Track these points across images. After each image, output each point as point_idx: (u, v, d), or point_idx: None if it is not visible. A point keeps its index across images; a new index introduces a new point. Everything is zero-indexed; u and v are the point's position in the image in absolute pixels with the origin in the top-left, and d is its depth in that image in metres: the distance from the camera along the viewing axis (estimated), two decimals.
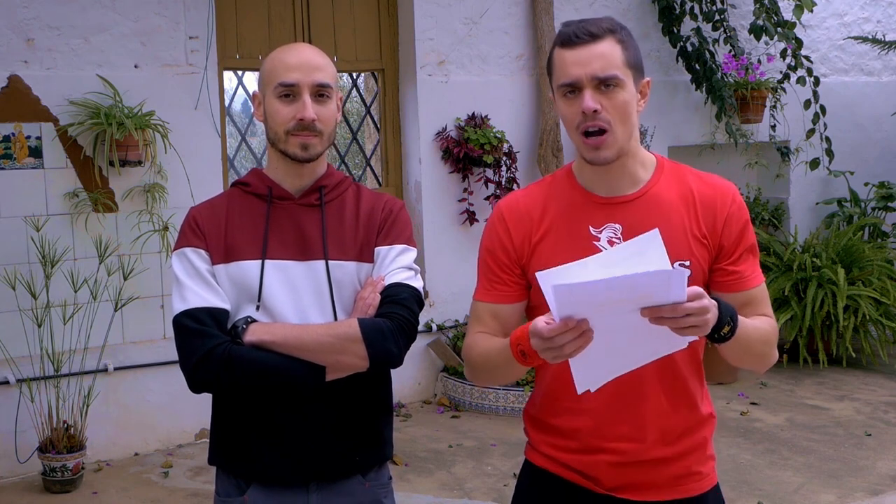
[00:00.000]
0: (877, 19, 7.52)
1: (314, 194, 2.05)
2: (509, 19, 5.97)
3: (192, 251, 2.00)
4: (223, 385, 1.93)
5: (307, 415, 1.97)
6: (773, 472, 4.53)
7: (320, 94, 2.00)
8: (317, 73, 2.00)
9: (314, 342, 1.91)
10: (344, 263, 2.01)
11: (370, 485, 2.06)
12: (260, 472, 2.00)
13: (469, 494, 4.32)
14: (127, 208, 4.83)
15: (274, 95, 2.00)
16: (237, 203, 2.06)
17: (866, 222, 6.82)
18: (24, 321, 4.49)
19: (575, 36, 1.83)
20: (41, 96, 4.66)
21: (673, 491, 1.94)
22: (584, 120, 1.82)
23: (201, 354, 1.90)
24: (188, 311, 1.94)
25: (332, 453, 2.00)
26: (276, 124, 2.00)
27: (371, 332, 1.92)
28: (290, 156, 2.01)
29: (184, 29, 5.00)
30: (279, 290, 1.98)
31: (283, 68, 2.00)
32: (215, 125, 5.10)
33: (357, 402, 2.02)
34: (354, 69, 5.82)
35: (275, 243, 2.01)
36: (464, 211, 5.77)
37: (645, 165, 1.94)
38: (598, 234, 1.89)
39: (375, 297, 1.99)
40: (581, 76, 1.81)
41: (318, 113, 1.98)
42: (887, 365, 6.28)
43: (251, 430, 1.99)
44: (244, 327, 1.94)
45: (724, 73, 6.42)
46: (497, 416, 5.38)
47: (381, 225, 2.06)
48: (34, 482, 4.51)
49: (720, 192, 1.94)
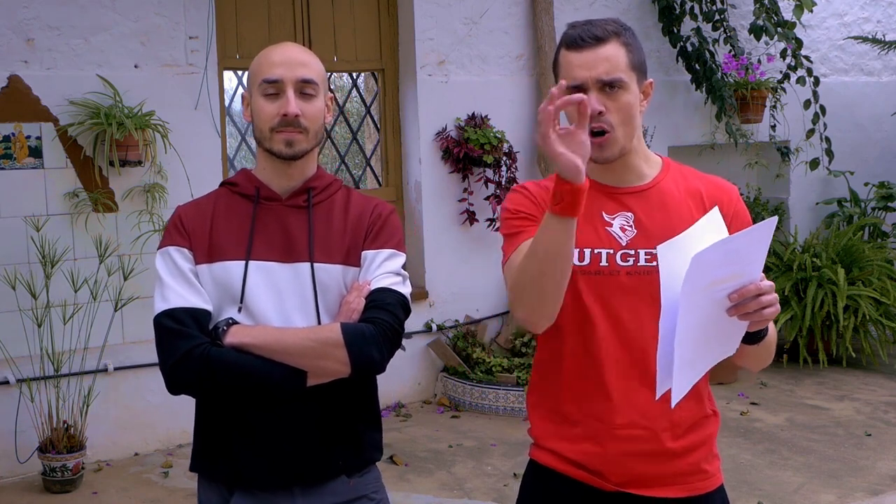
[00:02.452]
0: (877, 19, 7.52)
1: (302, 195, 2.02)
2: (509, 19, 5.97)
3: (176, 250, 1.97)
4: (202, 387, 1.90)
5: (288, 418, 1.94)
6: (773, 472, 4.53)
7: (304, 91, 1.98)
8: (300, 69, 1.98)
9: (295, 346, 1.88)
10: (329, 267, 1.98)
11: (354, 483, 2.03)
12: (242, 476, 1.96)
13: (469, 494, 4.32)
14: (127, 208, 4.83)
15: (259, 93, 1.98)
16: (224, 203, 2.04)
17: (866, 222, 6.82)
18: (24, 321, 4.49)
19: (581, 39, 1.87)
20: (41, 96, 4.66)
21: (681, 488, 1.94)
22: (590, 121, 1.85)
23: (180, 355, 1.88)
24: (169, 311, 1.92)
25: (314, 456, 1.96)
26: (261, 122, 1.98)
27: (353, 337, 1.88)
28: (276, 153, 1.98)
29: (184, 29, 5.00)
30: (262, 292, 1.95)
31: (266, 65, 1.98)
32: (215, 125, 5.10)
33: (339, 406, 1.98)
34: (354, 69, 5.82)
35: (260, 244, 1.98)
36: (464, 211, 5.77)
37: (650, 163, 2.01)
38: (612, 220, 1.94)
39: (360, 301, 1.94)
40: (586, 78, 1.86)
41: (302, 109, 1.96)
42: (887, 365, 6.28)
43: (232, 434, 1.96)
44: (225, 329, 1.91)
45: (724, 73, 6.43)
46: (497, 416, 5.38)
47: (369, 229, 2.02)
48: (34, 482, 4.51)
49: (725, 191, 2.03)
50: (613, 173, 1.96)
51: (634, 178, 1.97)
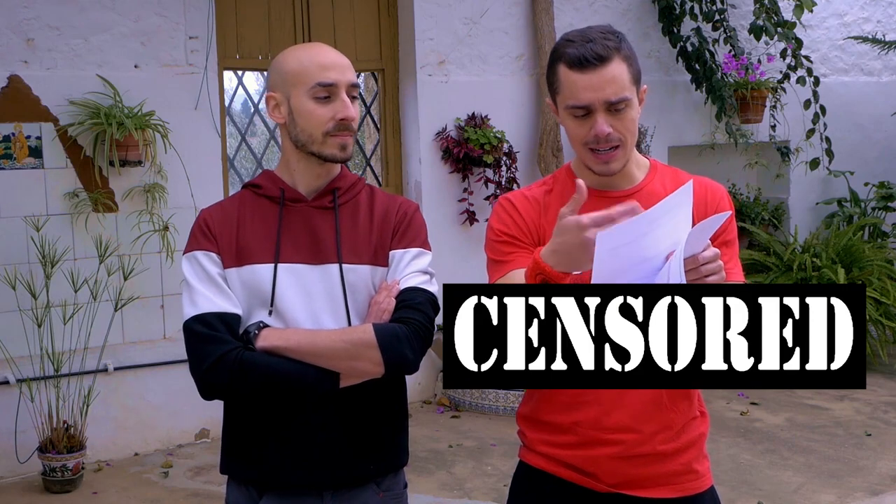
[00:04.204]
0: (877, 19, 7.52)
1: (327, 196, 2.01)
2: (509, 19, 5.97)
3: (204, 254, 1.95)
4: (235, 391, 1.89)
5: (320, 422, 1.94)
6: (773, 472, 4.53)
7: (352, 95, 2.00)
8: (349, 73, 1.99)
9: (328, 348, 1.87)
10: (358, 267, 1.97)
11: (384, 495, 2.03)
12: (273, 479, 1.96)
13: (469, 494, 4.32)
14: (127, 208, 4.83)
15: (308, 96, 1.96)
16: (249, 205, 2.02)
17: (866, 222, 6.82)
18: (24, 321, 4.49)
19: (585, 60, 1.84)
20: (41, 96, 4.66)
21: (673, 488, 1.95)
22: (597, 142, 1.87)
23: (212, 360, 1.86)
24: (199, 317, 1.90)
25: (345, 461, 1.96)
26: (312, 126, 1.95)
27: (386, 337, 1.88)
28: (327, 157, 1.97)
29: (184, 29, 5.00)
30: (292, 295, 1.94)
31: (317, 68, 1.97)
32: (215, 125, 5.10)
33: (371, 409, 1.98)
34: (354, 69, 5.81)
35: (287, 246, 1.97)
36: (464, 211, 5.77)
37: (639, 166, 2.02)
38: None
39: (390, 301, 1.94)
40: (593, 101, 1.85)
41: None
42: (887, 365, 6.28)
43: (264, 437, 1.96)
44: (256, 333, 1.90)
45: (724, 73, 6.43)
46: (497, 416, 5.38)
47: (395, 228, 2.02)
48: (34, 482, 4.51)
49: (711, 190, 2.02)
50: (605, 179, 1.96)
51: (624, 182, 1.98)
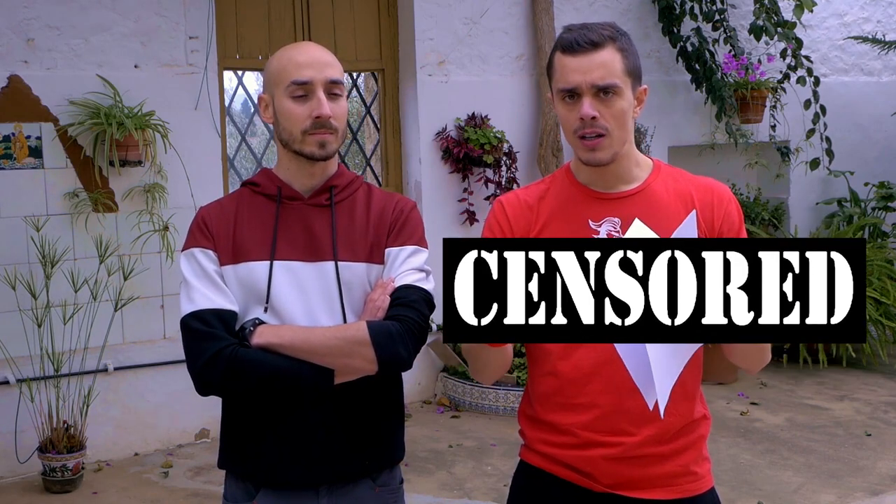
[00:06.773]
0: (877, 19, 7.52)
1: (324, 194, 2.02)
2: (509, 19, 5.98)
3: (201, 251, 1.97)
4: (230, 387, 1.91)
5: (316, 418, 1.95)
6: (773, 472, 4.53)
7: (333, 92, 1.97)
8: (328, 70, 1.97)
9: (322, 345, 1.89)
10: (354, 265, 1.98)
11: (380, 490, 2.05)
12: (269, 475, 1.98)
13: (469, 494, 4.32)
14: (127, 208, 4.83)
15: (286, 95, 1.96)
16: (246, 203, 2.03)
17: (866, 222, 6.82)
18: (24, 321, 4.49)
19: (576, 43, 1.86)
20: (41, 96, 4.66)
21: (670, 490, 1.94)
22: (583, 126, 1.87)
23: (208, 357, 1.88)
24: (195, 313, 1.91)
25: (341, 456, 1.98)
26: (291, 124, 1.96)
27: (380, 334, 1.89)
28: (307, 155, 1.97)
29: (184, 29, 5.00)
30: (288, 292, 1.95)
31: (293, 67, 1.97)
32: (215, 125, 5.10)
33: (367, 405, 2.00)
34: (354, 69, 5.82)
35: (284, 244, 1.98)
36: (464, 211, 5.77)
37: (640, 166, 1.99)
38: (598, 227, 1.93)
39: (385, 299, 1.95)
40: (581, 83, 1.86)
41: (332, 110, 1.96)
42: (887, 365, 6.28)
43: (260, 433, 1.97)
44: (252, 329, 1.91)
45: (724, 73, 6.43)
46: (497, 416, 5.38)
47: (391, 225, 2.02)
48: (34, 482, 4.51)
49: (717, 193, 1.98)
50: (603, 178, 1.95)
51: (624, 183, 1.96)
